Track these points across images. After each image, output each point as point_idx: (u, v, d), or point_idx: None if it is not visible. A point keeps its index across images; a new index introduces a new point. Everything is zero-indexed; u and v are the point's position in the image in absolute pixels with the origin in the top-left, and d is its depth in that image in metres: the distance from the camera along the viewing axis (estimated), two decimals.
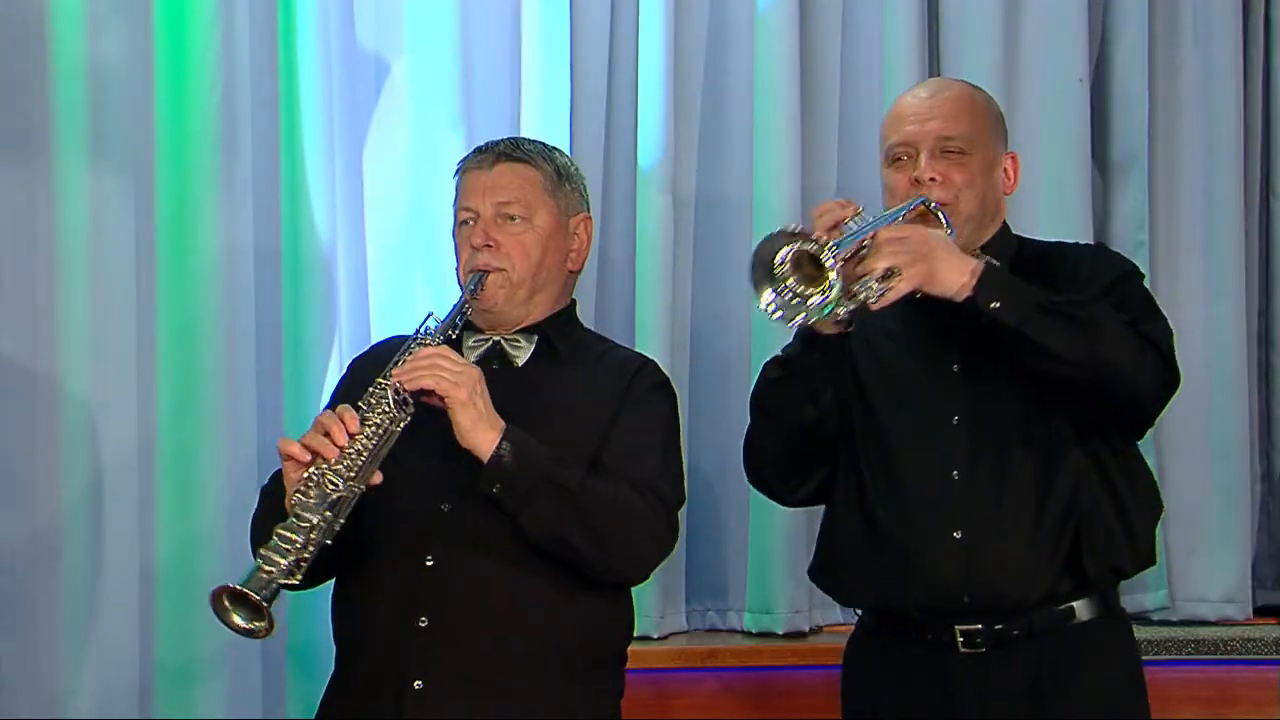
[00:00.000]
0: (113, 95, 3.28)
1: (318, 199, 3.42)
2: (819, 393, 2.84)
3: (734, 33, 3.74)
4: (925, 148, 2.87)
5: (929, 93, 2.94)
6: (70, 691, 3.23)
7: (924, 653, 2.82)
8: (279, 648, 3.36)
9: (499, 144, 2.82)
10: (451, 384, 2.55)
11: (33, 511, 3.23)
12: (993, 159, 2.92)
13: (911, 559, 2.81)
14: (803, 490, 2.99)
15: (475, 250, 2.74)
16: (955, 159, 2.86)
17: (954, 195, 2.85)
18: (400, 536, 2.66)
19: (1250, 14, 3.99)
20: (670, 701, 3.64)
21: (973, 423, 2.82)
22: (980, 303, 2.67)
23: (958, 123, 2.88)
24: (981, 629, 2.78)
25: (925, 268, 2.67)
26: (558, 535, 2.59)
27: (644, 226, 3.66)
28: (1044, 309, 2.68)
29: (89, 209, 3.26)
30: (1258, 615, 3.89)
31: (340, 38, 3.48)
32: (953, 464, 2.81)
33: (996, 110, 2.98)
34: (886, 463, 2.87)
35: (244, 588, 2.42)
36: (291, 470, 2.53)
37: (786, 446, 2.92)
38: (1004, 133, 2.98)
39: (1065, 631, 2.78)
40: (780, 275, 2.65)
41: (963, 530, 2.79)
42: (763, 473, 3.00)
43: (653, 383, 2.79)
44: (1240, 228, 3.92)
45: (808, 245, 2.63)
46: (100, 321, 3.26)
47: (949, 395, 2.84)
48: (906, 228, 2.75)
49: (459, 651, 2.61)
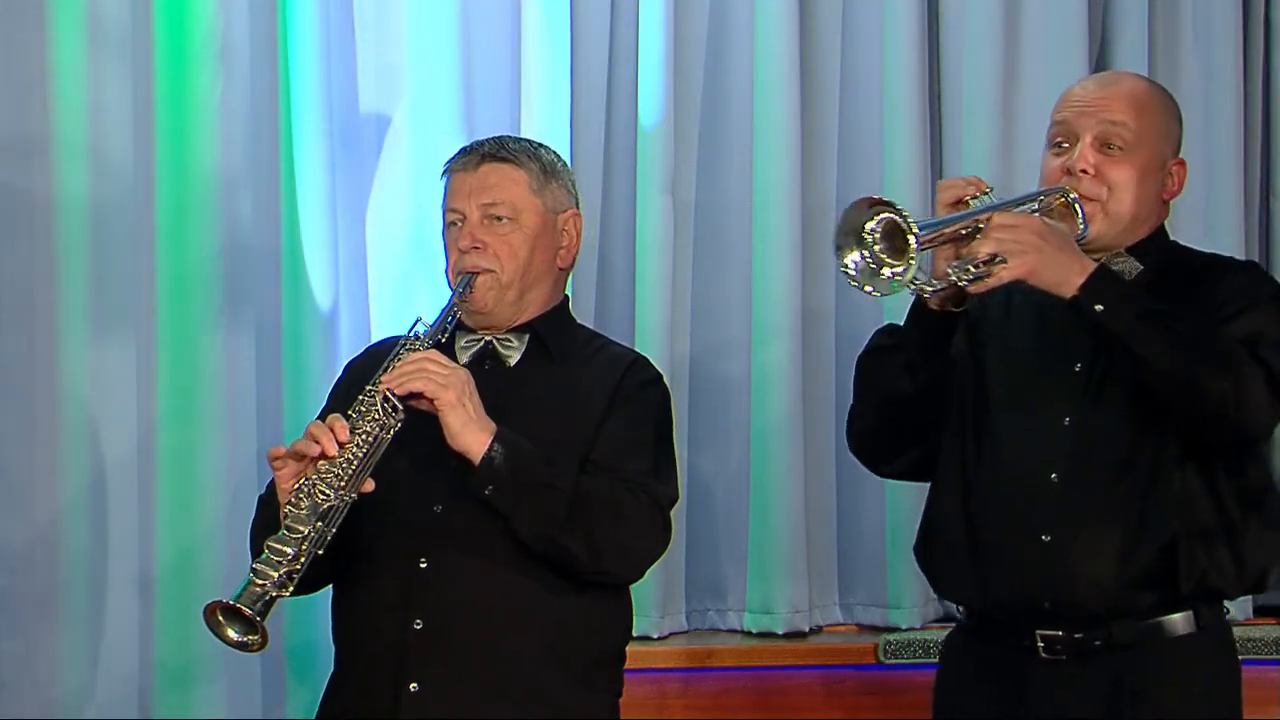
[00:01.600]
0: (113, 97, 3.28)
1: (318, 198, 3.42)
2: (916, 369, 2.77)
3: (734, 33, 3.74)
4: (1085, 137, 2.77)
5: (1103, 81, 2.86)
6: (70, 692, 3.24)
7: (1005, 655, 2.75)
8: (278, 648, 3.35)
9: (484, 144, 2.81)
10: (440, 386, 2.55)
11: (33, 512, 3.23)
12: (1157, 161, 2.81)
13: (998, 557, 2.75)
14: (895, 465, 2.94)
15: (463, 253, 2.74)
16: (1116, 154, 2.77)
17: (1103, 192, 2.76)
18: (394, 540, 2.66)
19: (1250, 14, 3.98)
20: (670, 701, 3.64)
21: (1083, 427, 2.73)
22: (1085, 304, 2.60)
23: (1124, 116, 2.77)
24: (1062, 636, 2.71)
25: (1032, 259, 2.59)
26: (550, 537, 2.59)
27: (644, 226, 3.66)
28: (1148, 318, 2.59)
29: (89, 209, 3.26)
30: (1258, 615, 3.89)
31: (340, 35, 3.47)
32: (1054, 466, 2.73)
33: (1173, 112, 2.87)
34: (992, 453, 2.80)
35: (236, 602, 2.43)
36: (283, 480, 2.54)
37: (878, 417, 2.86)
38: (1177, 136, 2.87)
39: (1151, 645, 2.70)
40: (869, 242, 2.60)
41: (1052, 534, 2.71)
42: (857, 439, 2.94)
43: (645, 379, 2.79)
44: (1240, 228, 3.91)
45: (898, 218, 2.56)
46: (100, 321, 3.26)
47: (1066, 397, 2.76)
48: (1024, 216, 2.67)
49: (454, 654, 2.61)
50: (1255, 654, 3.70)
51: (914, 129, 3.76)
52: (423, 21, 3.52)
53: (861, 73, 3.81)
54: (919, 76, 3.78)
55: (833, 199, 3.73)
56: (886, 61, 3.79)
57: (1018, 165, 3.79)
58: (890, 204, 2.59)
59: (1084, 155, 2.76)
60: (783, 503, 3.67)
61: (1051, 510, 2.73)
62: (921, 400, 2.80)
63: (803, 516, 3.68)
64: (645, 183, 3.66)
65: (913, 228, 2.54)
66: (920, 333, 2.77)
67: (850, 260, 2.61)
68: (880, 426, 2.89)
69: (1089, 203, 2.76)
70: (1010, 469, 2.78)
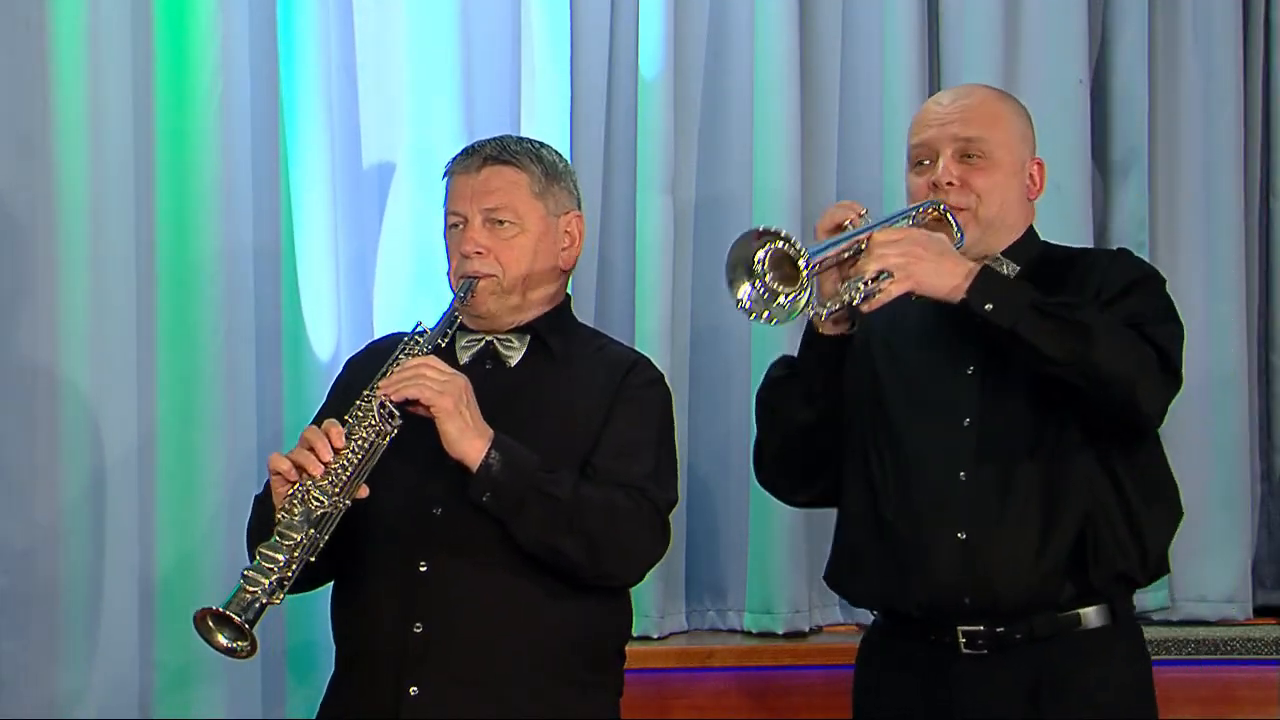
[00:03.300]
0: (113, 97, 3.28)
1: (318, 198, 3.42)
2: (815, 394, 2.84)
3: (734, 33, 3.74)
4: (945, 152, 2.86)
5: (952, 98, 2.94)
6: (70, 692, 3.23)
7: (927, 653, 2.82)
8: (278, 649, 3.36)
9: (485, 145, 2.80)
10: (437, 393, 2.55)
11: (33, 512, 3.23)
12: (1016, 164, 2.90)
13: (915, 558, 2.81)
14: (805, 493, 3.01)
15: (465, 257, 2.73)
16: (976, 163, 2.86)
17: (972, 200, 2.85)
18: (393, 543, 2.66)
19: (1250, 14, 3.99)
20: (670, 701, 3.64)
21: (984, 425, 2.81)
22: (973, 305, 2.67)
23: (979, 127, 2.86)
24: (983, 630, 2.77)
25: (917, 270, 2.66)
26: (548, 544, 2.59)
27: (644, 226, 3.66)
28: (1038, 311, 2.67)
29: (89, 209, 3.26)
30: (1258, 615, 3.89)
31: (340, 38, 3.47)
32: (960, 465, 2.81)
33: (1023, 116, 2.96)
34: (897, 462, 2.86)
35: (226, 610, 2.44)
36: (279, 486, 2.54)
37: (784, 447, 2.93)
38: (1031, 138, 2.95)
39: (1070, 637, 2.77)
40: (759, 272, 2.64)
41: (966, 531, 2.78)
42: (766, 471, 3.01)
43: (645, 380, 2.78)
44: (1240, 228, 3.92)
45: (785, 246, 2.62)
46: (100, 321, 3.26)
47: (963, 398, 2.83)
48: (903, 230, 2.74)
49: (454, 656, 2.61)
50: (1255, 654, 3.70)
51: None
52: (423, 21, 3.52)
53: (861, 73, 3.82)
54: (919, 76, 3.78)
55: (833, 199, 3.73)
56: (886, 61, 3.80)
57: None
58: (776, 233, 2.64)
59: (947, 169, 2.86)
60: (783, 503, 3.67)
61: (964, 508, 2.79)
62: (823, 427, 2.87)
63: (803, 516, 3.68)
64: (645, 183, 3.66)
65: (802, 254, 2.60)
66: (816, 357, 2.84)
67: (743, 293, 2.66)
68: (786, 456, 2.95)
69: (960, 212, 2.85)
70: (917, 474, 2.84)
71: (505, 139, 2.84)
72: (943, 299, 2.69)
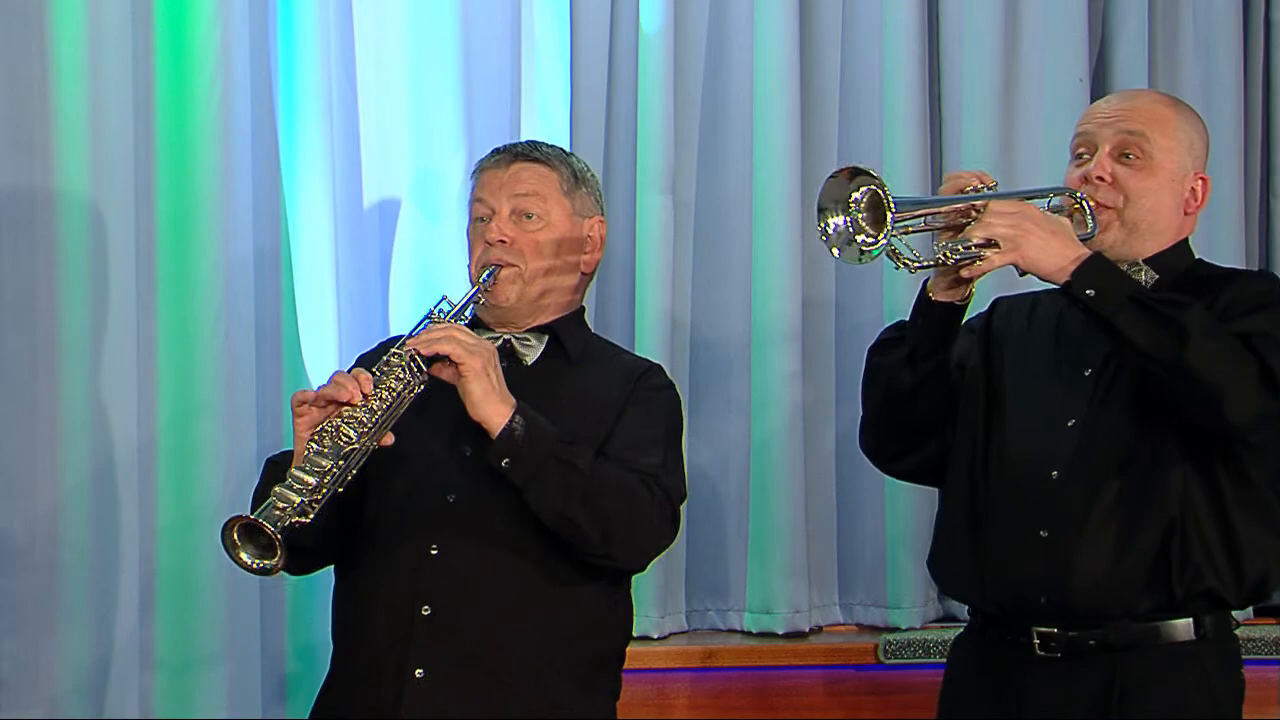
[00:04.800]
0: (113, 97, 3.28)
1: (318, 198, 3.42)
2: (919, 359, 2.81)
3: (734, 33, 3.74)
4: (1103, 146, 2.82)
5: (1122, 96, 2.93)
6: (70, 692, 3.23)
7: (1004, 653, 2.78)
8: (279, 647, 3.36)
9: (516, 145, 2.89)
10: (467, 352, 2.57)
11: (33, 511, 3.23)
12: (1176, 172, 2.84)
13: (998, 554, 2.78)
14: (902, 463, 2.98)
15: (489, 245, 2.77)
16: (1133, 163, 2.81)
17: (1119, 200, 2.81)
18: (404, 525, 2.68)
19: (1250, 14, 3.99)
20: (670, 701, 3.64)
21: (1088, 428, 2.76)
22: (1075, 290, 2.63)
23: (1142, 125, 2.82)
24: (1057, 634, 2.73)
25: (1025, 243, 2.63)
26: (563, 514, 2.60)
27: (644, 226, 3.66)
28: (1139, 304, 2.62)
29: (89, 209, 3.26)
30: (1258, 615, 3.89)
31: (339, 38, 3.47)
32: (1055, 464, 2.76)
33: (1196, 126, 2.90)
34: (999, 455, 2.83)
35: (258, 518, 2.43)
36: (302, 428, 2.55)
37: (884, 410, 2.90)
38: (1200, 151, 2.89)
39: (1147, 649, 2.72)
40: (853, 209, 2.63)
41: (1049, 529, 2.74)
42: (867, 434, 2.98)
43: (658, 384, 2.83)
44: (1240, 228, 3.92)
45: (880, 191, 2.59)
46: (100, 321, 3.26)
47: (1073, 398, 2.79)
48: (1019, 204, 2.70)
49: (460, 641, 2.64)
50: (1255, 654, 3.70)
51: (914, 129, 3.77)
52: (422, 22, 3.52)
53: (861, 73, 3.82)
54: (919, 76, 3.78)
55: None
56: (886, 61, 3.79)
57: (1017, 164, 3.80)
58: (873, 175, 2.62)
59: (1101, 163, 2.82)
60: (783, 503, 3.68)
61: (1050, 506, 2.75)
62: (924, 394, 2.83)
63: (803, 516, 3.68)
64: (645, 183, 3.66)
65: (890, 203, 2.57)
66: (925, 322, 2.80)
67: (832, 223, 2.65)
68: (885, 421, 2.92)
69: (1105, 210, 2.81)
70: (1013, 468, 2.80)
71: (535, 141, 2.93)
72: (1046, 278, 2.65)
